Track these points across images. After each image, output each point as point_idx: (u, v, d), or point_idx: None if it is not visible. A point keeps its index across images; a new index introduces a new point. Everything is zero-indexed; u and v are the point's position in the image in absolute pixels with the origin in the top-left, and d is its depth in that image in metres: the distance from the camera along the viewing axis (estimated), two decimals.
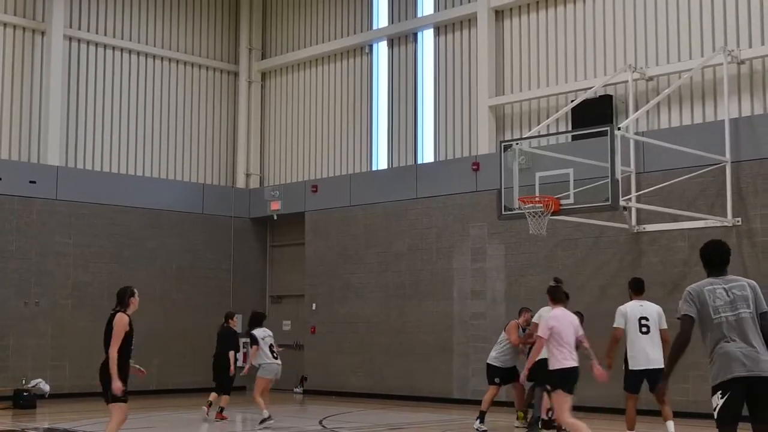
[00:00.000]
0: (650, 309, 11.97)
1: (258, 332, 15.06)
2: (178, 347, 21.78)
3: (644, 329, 11.72)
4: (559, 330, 10.39)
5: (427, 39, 21.34)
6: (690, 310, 6.80)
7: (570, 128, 17.71)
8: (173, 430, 15.25)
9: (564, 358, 10.33)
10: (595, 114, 17.01)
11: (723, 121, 15.85)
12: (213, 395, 16.29)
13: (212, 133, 24.06)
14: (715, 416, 6.60)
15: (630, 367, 11.74)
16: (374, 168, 22.06)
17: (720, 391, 6.58)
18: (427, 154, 21.11)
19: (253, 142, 24.45)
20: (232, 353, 16.13)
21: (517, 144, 14.93)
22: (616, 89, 17.79)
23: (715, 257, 6.97)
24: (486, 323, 18.59)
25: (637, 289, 12.24)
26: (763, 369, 6.52)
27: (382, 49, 22.24)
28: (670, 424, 11.66)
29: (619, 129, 13.67)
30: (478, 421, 14.13)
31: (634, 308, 11.94)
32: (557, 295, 10.83)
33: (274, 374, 14.88)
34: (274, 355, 14.89)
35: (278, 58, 24.29)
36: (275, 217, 23.18)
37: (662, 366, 11.11)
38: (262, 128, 24.61)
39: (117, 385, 9.40)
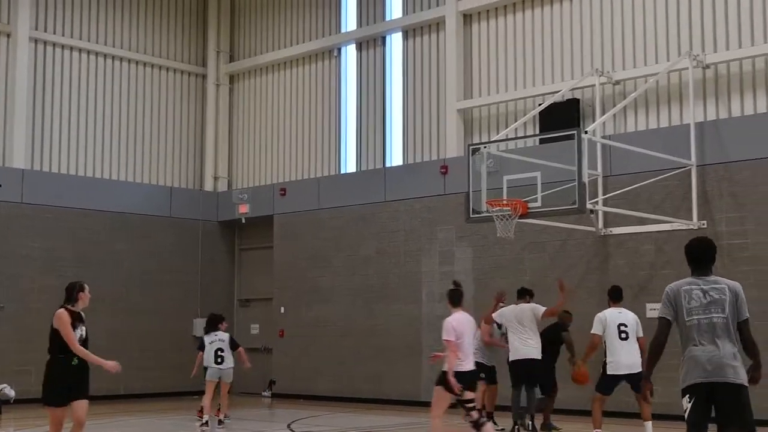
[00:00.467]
0: (628, 316, 12.18)
1: (207, 337, 15.16)
2: (145, 351, 21.58)
3: (623, 335, 11.90)
4: (461, 333, 10.48)
5: (395, 42, 21.35)
6: (666, 312, 6.73)
7: (537, 132, 17.77)
8: None
9: (461, 362, 10.44)
10: (562, 117, 17.13)
11: (689, 125, 15.96)
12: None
13: (180, 136, 23.92)
14: (685, 419, 6.59)
15: (608, 372, 11.91)
16: (343, 171, 22.02)
17: (687, 395, 6.57)
18: (395, 158, 21.11)
19: (221, 145, 24.33)
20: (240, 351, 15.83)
21: (485, 147, 14.99)
22: (583, 93, 17.89)
23: (699, 254, 6.81)
24: None
25: (615, 297, 12.42)
26: (727, 374, 6.45)
27: (350, 53, 22.21)
28: (648, 425, 11.82)
29: (586, 132, 13.74)
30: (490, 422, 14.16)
31: (612, 315, 12.11)
32: (456, 299, 10.82)
33: (214, 378, 14.93)
34: (217, 360, 14.88)
35: (246, 60, 24.21)
36: (243, 221, 23.10)
37: (640, 370, 11.52)
38: (230, 131, 24.50)
39: (111, 363, 8.98)
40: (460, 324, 10.53)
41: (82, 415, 9.01)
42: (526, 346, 13.48)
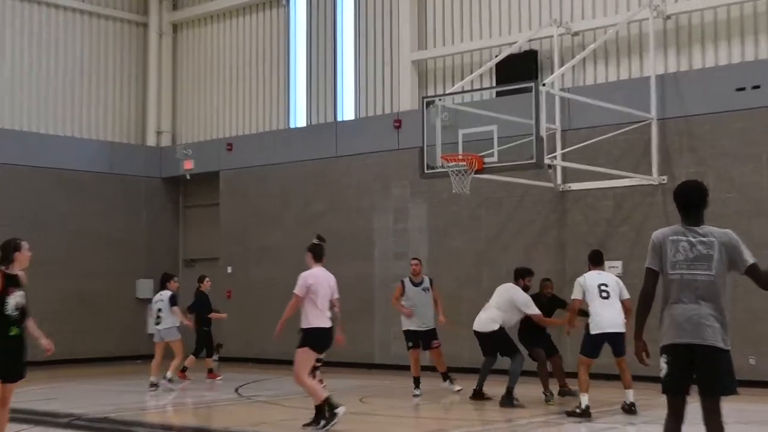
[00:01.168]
0: (609, 277, 12.16)
1: (154, 298, 16.02)
2: (89, 313, 21.03)
3: (604, 294, 11.83)
4: (316, 290, 10.52)
5: None
6: (652, 263, 6.34)
7: (494, 84, 17.62)
8: (76, 401, 14.49)
9: (316, 318, 10.55)
10: (519, 70, 17.02)
11: (649, 78, 15.82)
12: (189, 360, 16.77)
13: (120, 88, 23.24)
14: (661, 380, 6.26)
15: (591, 332, 11.78)
16: (292, 125, 21.66)
17: (664, 355, 6.24)
18: (347, 111, 20.80)
19: (164, 98, 23.72)
20: (214, 315, 17.06)
21: (440, 100, 14.83)
22: (541, 44, 17.68)
23: (685, 200, 6.37)
24: None
25: (595, 261, 12.35)
26: (705, 336, 6.09)
27: (300, 1, 21.67)
28: (630, 392, 11.76)
29: (544, 85, 13.60)
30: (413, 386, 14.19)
31: (592, 277, 12.06)
32: (317, 254, 10.86)
33: (156, 339, 15.67)
34: (157, 320, 15.61)
35: (190, 9, 23.58)
36: (188, 177, 22.51)
37: (622, 330, 11.54)
38: (174, 83, 23.90)
39: None
40: (316, 280, 10.55)
41: (9, 395, 8.23)
42: (480, 320, 13.22)
